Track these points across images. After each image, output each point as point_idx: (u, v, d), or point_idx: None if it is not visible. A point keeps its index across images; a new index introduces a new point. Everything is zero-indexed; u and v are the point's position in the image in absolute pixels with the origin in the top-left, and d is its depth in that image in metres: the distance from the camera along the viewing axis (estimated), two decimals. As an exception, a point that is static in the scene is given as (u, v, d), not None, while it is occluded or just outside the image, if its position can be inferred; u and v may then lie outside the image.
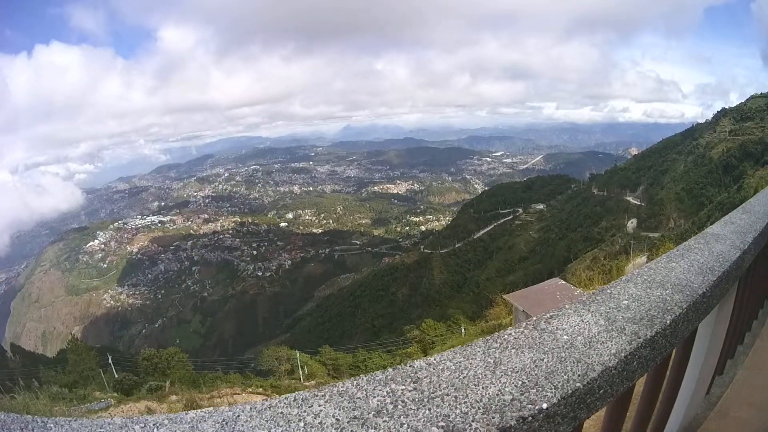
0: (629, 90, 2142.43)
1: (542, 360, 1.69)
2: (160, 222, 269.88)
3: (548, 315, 2.06)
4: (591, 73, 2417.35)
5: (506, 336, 1.86)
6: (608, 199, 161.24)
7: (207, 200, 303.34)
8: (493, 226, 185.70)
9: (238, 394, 23.70)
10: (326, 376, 39.60)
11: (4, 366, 59.86)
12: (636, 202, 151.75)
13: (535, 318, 2.04)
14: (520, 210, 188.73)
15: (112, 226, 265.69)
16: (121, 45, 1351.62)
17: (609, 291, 2.35)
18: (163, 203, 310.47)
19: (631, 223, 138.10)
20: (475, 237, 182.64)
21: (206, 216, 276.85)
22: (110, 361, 39.35)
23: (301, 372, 38.30)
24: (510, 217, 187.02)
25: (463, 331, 38.43)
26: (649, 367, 1.99)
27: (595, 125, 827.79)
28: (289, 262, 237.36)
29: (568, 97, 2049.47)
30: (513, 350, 1.75)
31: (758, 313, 4.96)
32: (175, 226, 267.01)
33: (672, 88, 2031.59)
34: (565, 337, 1.87)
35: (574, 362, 1.69)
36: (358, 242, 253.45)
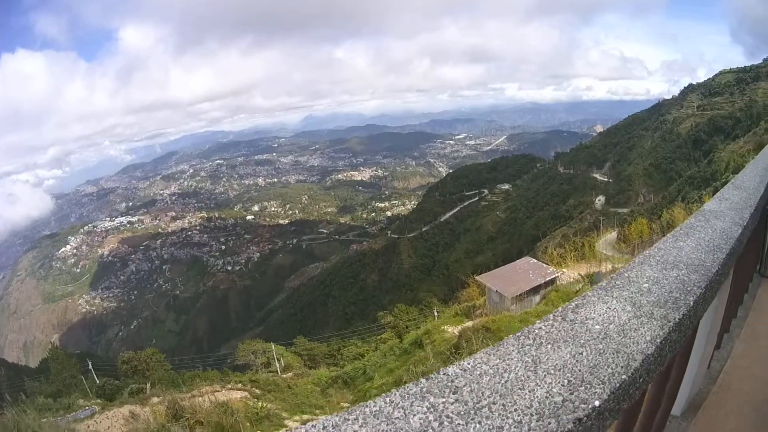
0: (593, 68, 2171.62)
1: (581, 354, 1.60)
2: (128, 223, 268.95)
3: (573, 304, 1.98)
4: (553, 53, 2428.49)
5: (537, 331, 1.77)
6: (575, 177, 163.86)
7: (173, 198, 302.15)
8: (459, 208, 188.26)
9: (218, 391, 23.94)
10: (303, 367, 39.95)
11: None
12: (603, 179, 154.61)
13: (561, 308, 1.95)
14: (486, 191, 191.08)
15: (82, 230, 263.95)
16: (83, 48, 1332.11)
17: (627, 275, 2.28)
18: (130, 203, 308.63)
19: (599, 200, 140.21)
20: (441, 220, 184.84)
21: (173, 213, 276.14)
22: (90, 367, 39.46)
23: (277, 364, 38.62)
24: (476, 199, 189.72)
25: (435, 314, 38.81)
26: (675, 350, 1.92)
27: (558, 104, 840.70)
28: (258, 254, 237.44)
29: (530, 77, 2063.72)
30: (549, 346, 1.65)
31: (749, 287, 5.20)
32: (143, 226, 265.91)
33: (637, 66, 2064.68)
34: (597, 326, 1.79)
35: (613, 353, 1.61)
36: (325, 231, 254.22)
